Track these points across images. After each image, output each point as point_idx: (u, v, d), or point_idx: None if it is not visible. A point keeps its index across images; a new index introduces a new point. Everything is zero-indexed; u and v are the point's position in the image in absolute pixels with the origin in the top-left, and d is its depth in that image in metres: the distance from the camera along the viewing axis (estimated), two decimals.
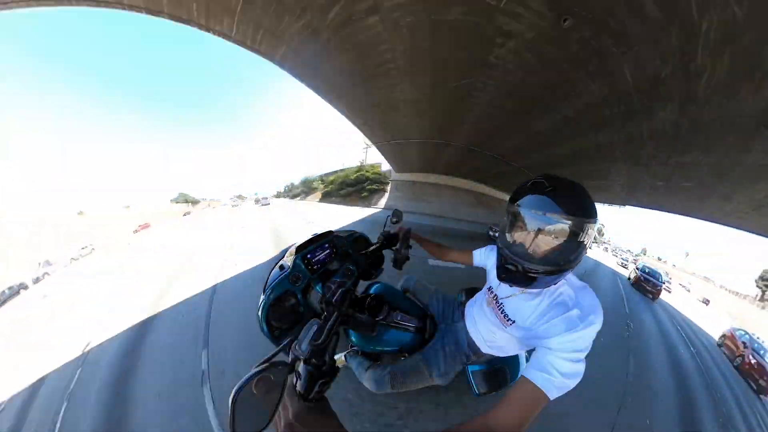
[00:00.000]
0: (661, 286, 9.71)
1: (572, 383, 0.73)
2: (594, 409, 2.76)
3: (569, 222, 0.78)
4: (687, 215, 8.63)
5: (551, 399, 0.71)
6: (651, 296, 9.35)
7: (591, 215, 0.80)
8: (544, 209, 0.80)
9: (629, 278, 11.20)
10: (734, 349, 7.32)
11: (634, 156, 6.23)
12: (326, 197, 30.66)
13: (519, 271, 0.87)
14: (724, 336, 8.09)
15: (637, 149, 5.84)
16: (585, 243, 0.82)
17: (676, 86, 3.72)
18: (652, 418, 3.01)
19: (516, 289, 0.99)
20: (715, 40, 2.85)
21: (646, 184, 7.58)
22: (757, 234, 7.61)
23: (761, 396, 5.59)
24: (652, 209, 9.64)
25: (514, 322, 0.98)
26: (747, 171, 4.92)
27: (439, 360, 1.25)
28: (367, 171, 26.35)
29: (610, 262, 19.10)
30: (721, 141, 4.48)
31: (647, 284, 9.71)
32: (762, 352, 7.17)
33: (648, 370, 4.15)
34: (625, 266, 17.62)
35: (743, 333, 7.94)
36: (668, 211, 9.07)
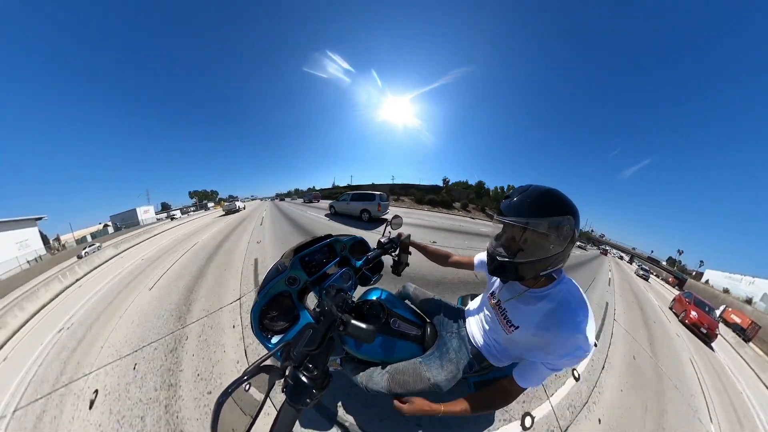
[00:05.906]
0: (606, 251, 39.85)
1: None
2: None
3: (520, 221, 0.89)
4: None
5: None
6: (603, 253, 32.64)
7: (542, 214, 0.86)
8: (505, 213, 0.93)
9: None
10: (681, 307, 9.13)
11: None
12: None
13: (498, 261, 0.96)
14: (674, 300, 10.21)
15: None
16: (549, 239, 0.87)
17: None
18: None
19: (516, 291, 1.03)
20: None
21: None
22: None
23: (706, 343, 7.06)
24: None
25: (517, 327, 1.00)
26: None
27: (439, 365, 1.19)
28: None
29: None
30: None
31: (602, 251, 34.48)
32: (704, 307, 8.98)
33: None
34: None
35: (688, 293, 10.19)
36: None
